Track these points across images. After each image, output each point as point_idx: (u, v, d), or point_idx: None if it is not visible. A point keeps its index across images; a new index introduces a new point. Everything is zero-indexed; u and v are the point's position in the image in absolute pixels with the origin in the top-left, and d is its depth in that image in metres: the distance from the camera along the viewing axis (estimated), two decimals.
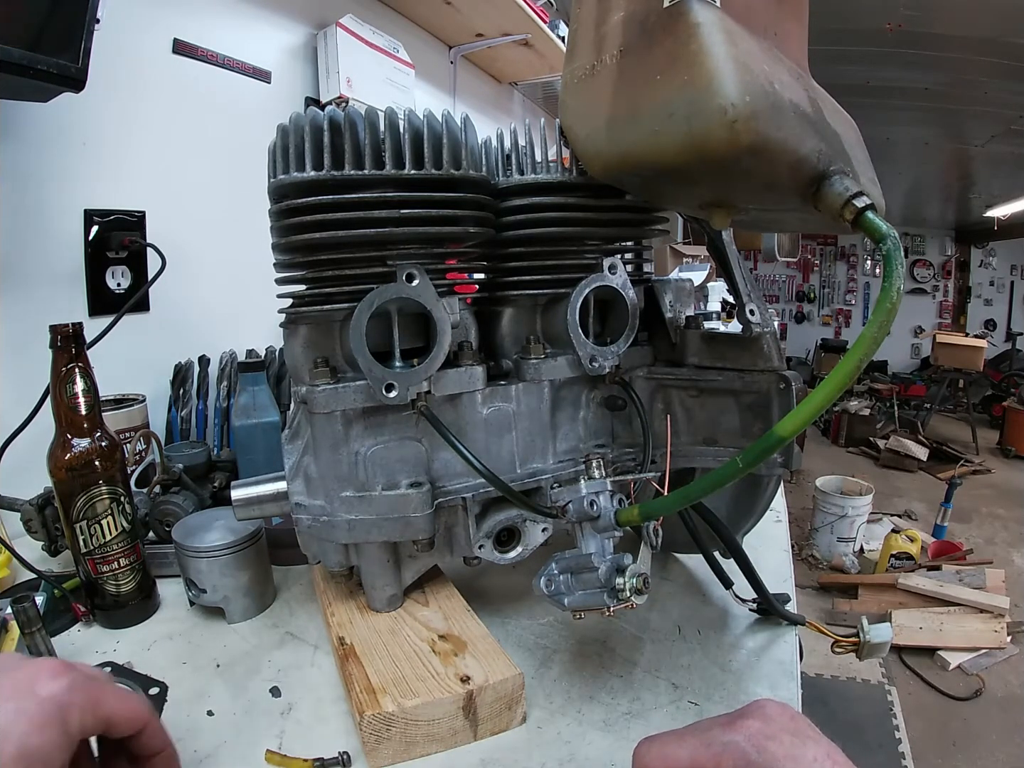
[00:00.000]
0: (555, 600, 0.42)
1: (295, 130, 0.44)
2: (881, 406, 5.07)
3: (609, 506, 0.40)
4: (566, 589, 0.42)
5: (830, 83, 0.45)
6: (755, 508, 0.58)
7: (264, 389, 0.79)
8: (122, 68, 0.87)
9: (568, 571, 0.42)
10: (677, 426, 0.57)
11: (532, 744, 0.43)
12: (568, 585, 0.42)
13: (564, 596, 0.41)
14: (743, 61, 0.32)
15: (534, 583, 0.42)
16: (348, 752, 0.41)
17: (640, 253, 0.60)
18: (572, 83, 0.44)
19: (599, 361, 0.51)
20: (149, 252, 0.90)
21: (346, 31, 1.23)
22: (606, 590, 0.39)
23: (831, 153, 0.36)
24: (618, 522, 0.40)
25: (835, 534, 2.86)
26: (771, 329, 0.53)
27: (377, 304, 0.44)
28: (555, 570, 0.42)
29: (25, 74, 0.61)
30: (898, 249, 0.31)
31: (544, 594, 0.42)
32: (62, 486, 0.53)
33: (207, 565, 0.56)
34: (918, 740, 1.84)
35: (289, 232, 0.46)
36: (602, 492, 0.41)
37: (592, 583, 0.40)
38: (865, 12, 2.33)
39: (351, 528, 0.48)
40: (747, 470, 0.34)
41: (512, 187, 0.51)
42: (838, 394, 0.31)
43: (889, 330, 0.30)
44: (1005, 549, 3.01)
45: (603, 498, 0.41)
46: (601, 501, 0.41)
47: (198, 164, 1.01)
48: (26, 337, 0.72)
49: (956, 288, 6.71)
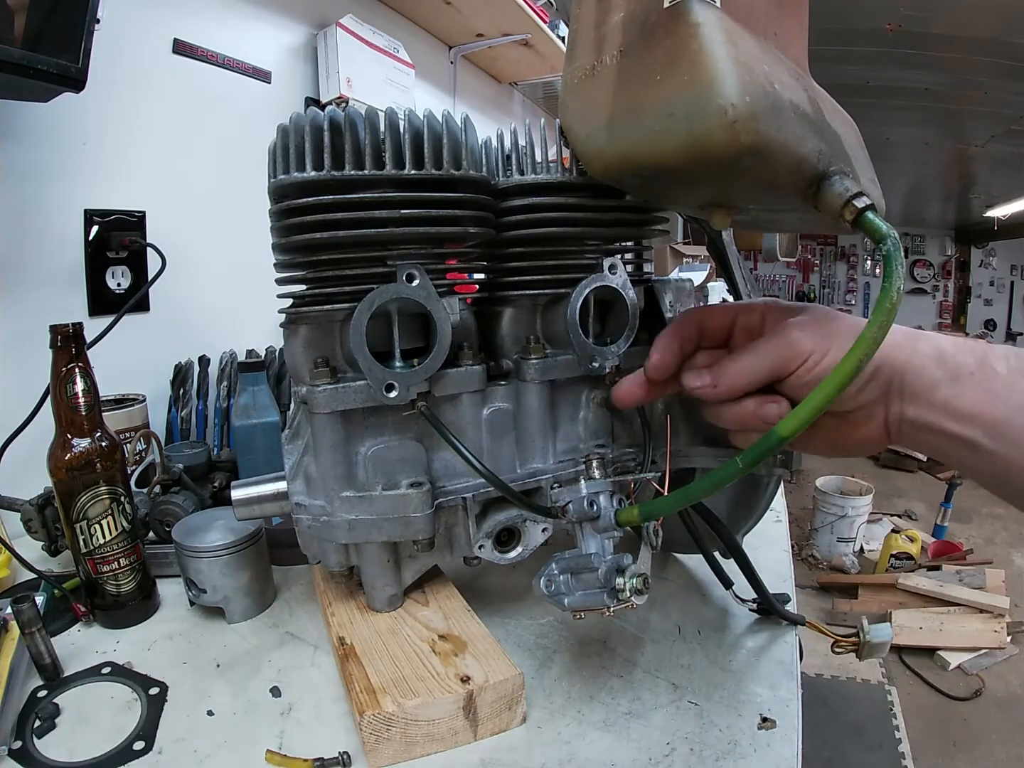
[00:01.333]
0: (555, 600, 0.42)
1: (295, 130, 0.44)
2: None
3: (609, 506, 0.40)
4: (566, 589, 0.42)
5: (830, 83, 0.45)
6: (755, 508, 0.58)
7: (264, 389, 0.79)
8: (122, 68, 0.87)
9: (568, 571, 0.42)
10: (677, 426, 0.57)
11: (532, 744, 0.43)
12: (568, 585, 0.42)
13: (564, 596, 0.41)
14: (743, 61, 0.32)
15: (534, 583, 0.42)
16: (348, 752, 0.41)
17: (640, 253, 0.60)
18: (572, 83, 0.44)
19: (599, 361, 0.51)
20: (149, 252, 0.90)
21: (346, 31, 1.23)
22: (606, 590, 0.39)
23: (831, 153, 0.36)
24: (618, 522, 0.40)
25: (835, 534, 2.86)
26: None
27: (377, 304, 0.44)
28: (555, 570, 0.42)
29: (25, 74, 0.61)
30: (898, 249, 0.31)
31: (544, 594, 0.42)
32: (62, 486, 0.53)
33: (207, 565, 0.56)
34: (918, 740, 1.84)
35: (289, 232, 0.46)
36: (602, 492, 0.41)
37: (592, 583, 0.40)
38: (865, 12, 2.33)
39: (351, 528, 0.48)
40: (747, 471, 0.34)
41: (512, 187, 0.51)
42: (838, 394, 0.31)
43: (889, 330, 0.30)
44: (1005, 549, 3.01)
45: (603, 498, 0.41)
46: (601, 501, 0.41)
47: (198, 164, 1.01)
48: (26, 337, 0.72)
49: (956, 288, 6.71)
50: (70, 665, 0.51)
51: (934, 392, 0.35)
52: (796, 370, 0.36)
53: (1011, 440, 0.33)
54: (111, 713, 0.46)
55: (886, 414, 0.37)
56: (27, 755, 0.42)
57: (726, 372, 0.38)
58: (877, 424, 0.37)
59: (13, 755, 0.42)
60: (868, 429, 0.38)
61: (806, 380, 0.36)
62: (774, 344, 0.37)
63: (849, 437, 0.38)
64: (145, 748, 0.42)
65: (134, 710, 0.46)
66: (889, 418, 0.37)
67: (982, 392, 0.34)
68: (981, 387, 0.34)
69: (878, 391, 0.36)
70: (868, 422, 0.37)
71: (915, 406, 0.36)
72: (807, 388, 0.35)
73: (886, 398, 0.36)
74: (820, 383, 0.32)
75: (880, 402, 0.37)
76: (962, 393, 0.35)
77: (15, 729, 0.44)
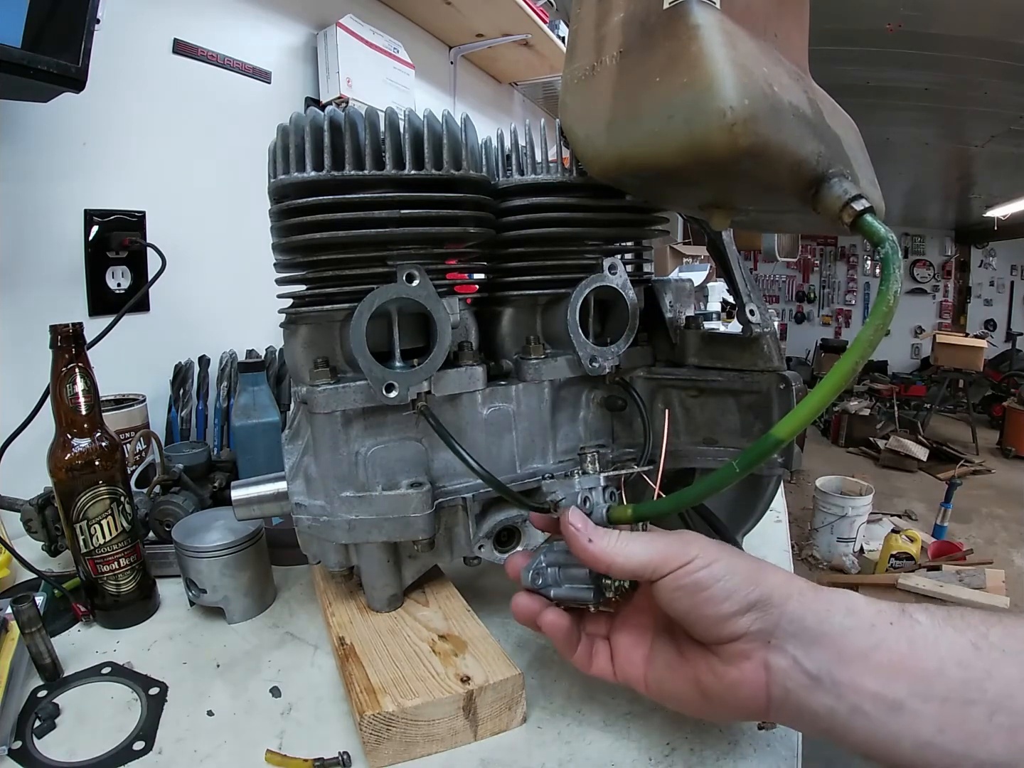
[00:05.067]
0: (542, 592, 0.42)
1: (295, 130, 0.44)
2: (881, 406, 5.07)
3: (602, 502, 0.40)
4: (553, 581, 0.42)
5: (830, 83, 0.45)
6: (755, 508, 0.58)
7: (264, 389, 0.79)
8: (122, 68, 0.87)
9: (556, 565, 0.42)
10: (677, 426, 0.57)
11: (532, 744, 0.43)
12: (555, 578, 0.42)
13: (551, 588, 0.42)
14: (742, 63, 0.32)
15: (522, 574, 0.42)
16: (348, 752, 0.41)
17: (640, 253, 0.60)
18: (572, 84, 0.44)
19: (599, 361, 0.51)
20: (149, 252, 0.90)
21: (346, 31, 1.23)
22: (593, 588, 0.40)
23: (830, 155, 0.36)
24: (610, 519, 0.40)
25: (835, 534, 2.86)
26: (771, 329, 0.53)
27: (377, 304, 0.44)
28: (543, 563, 0.42)
29: (25, 74, 0.61)
30: (896, 253, 0.31)
31: (530, 586, 0.42)
32: (62, 486, 0.53)
33: (207, 565, 0.56)
34: None
35: (289, 232, 0.46)
36: (595, 488, 0.41)
37: (579, 579, 0.41)
38: (865, 12, 2.33)
39: (351, 528, 0.48)
40: (744, 474, 0.34)
41: (512, 187, 0.51)
42: (834, 396, 0.31)
43: (885, 333, 0.30)
44: (1005, 549, 3.01)
45: (596, 494, 0.41)
46: (594, 497, 0.41)
47: (198, 164, 1.01)
48: (26, 337, 0.72)
49: (956, 288, 6.71)
50: (70, 665, 0.51)
51: (844, 641, 0.31)
52: (675, 570, 0.34)
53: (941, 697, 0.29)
54: (111, 713, 0.46)
55: (767, 659, 0.32)
56: (27, 755, 0.42)
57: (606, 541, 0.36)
58: (754, 667, 0.33)
59: (13, 755, 0.42)
60: (743, 671, 0.33)
61: (682, 583, 0.33)
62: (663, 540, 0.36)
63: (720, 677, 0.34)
64: (145, 748, 0.42)
65: (134, 710, 0.46)
66: (772, 666, 0.32)
67: (906, 642, 0.30)
68: (904, 636, 0.30)
69: (760, 624, 0.32)
70: (742, 662, 0.33)
71: (816, 656, 0.31)
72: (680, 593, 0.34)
73: (770, 639, 0.32)
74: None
75: (760, 640, 0.33)
76: (882, 643, 0.31)
77: (15, 729, 0.44)
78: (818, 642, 0.32)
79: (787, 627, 0.32)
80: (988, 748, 0.28)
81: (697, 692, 0.36)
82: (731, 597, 0.33)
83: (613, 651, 0.41)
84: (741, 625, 0.33)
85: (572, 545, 0.37)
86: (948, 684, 0.29)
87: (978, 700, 0.28)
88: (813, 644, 0.32)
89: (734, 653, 0.33)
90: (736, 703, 0.34)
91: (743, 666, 0.33)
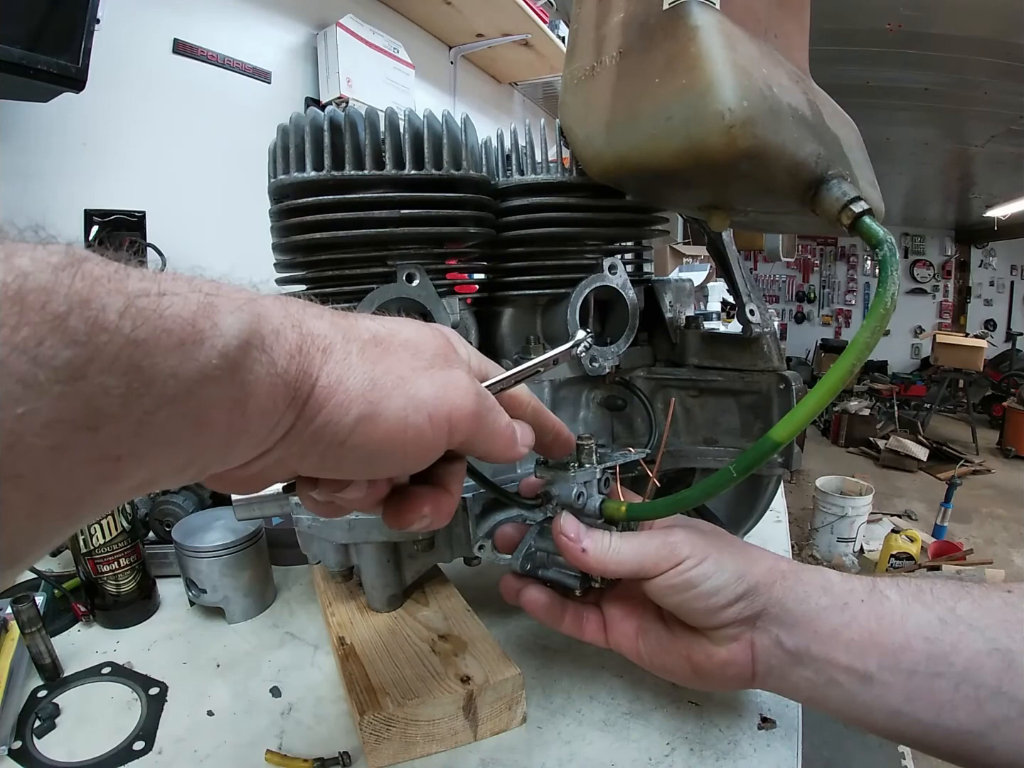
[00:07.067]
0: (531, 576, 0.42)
1: (295, 130, 0.44)
2: (881, 406, 5.07)
3: (596, 495, 0.40)
4: (541, 565, 0.42)
5: (830, 83, 0.45)
6: (755, 508, 0.58)
7: None
8: (122, 68, 0.87)
9: (544, 551, 0.42)
10: (677, 426, 0.57)
11: (532, 744, 0.43)
12: (543, 562, 0.42)
13: (539, 570, 0.42)
14: (741, 65, 0.32)
15: (511, 560, 0.43)
16: (348, 752, 0.41)
17: (640, 253, 0.60)
18: (572, 84, 0.44)
19: (599, 361, 0.51)
20: (149, 252, 0.90)
21: (346, 31, 1.23)
22: (579, 576, 0.40)
23: (829, 157, 0.36)
24: (602, 513, 0.40)
25: (835, 534, 2.86)
26: (771, 329, 0.53)
27: (377, 304, 0.44)
28: (532, 548, 0.43)
29: (25, 74, 0.61)
30: (894, 255, 0.31)
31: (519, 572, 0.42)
32: None
33: (207, 565, 0.56)
34: None
35: (289, 232, 0.46)
36: (591, 481, 0.41)
37: (567, 565, 0.41)
38: (865, 12, 2.33)
39: (351, 528, 0.48)
40: (741, 478, 0.34)
41: (512, 187, 0.51)
42: (831, 398, 0.31)
43: (882, 335, 0.30)
44: (1005, 549, 3.01)
45: (591, 487, 0.41)
46: (588, 490, 0.41)
47: (198, 164, 1.01)
48: None
49: (956, 288, 6.71)
50: (70, 665, 0.51)
51: (820, 620, 0.34)
52: (667, 571, 0.35)
53: (908, 670, 0.31)
54: (111, 713, 0.46)
55: (753, 639, 0.35)
56: (27, 755, 0.42)
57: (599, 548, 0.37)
58: (741, 647, 0.35)
59: (13, 755, 0.42)
60: (731, 651, 0.35)
61: (673, 583, 0.35)
62: (654, 542, 0.36)
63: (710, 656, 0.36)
64: (145, 748, 0.42)
65: (134, 710, 0.46)
66: (757, 645, 0.35)
67: (875, 619, 0.33)
68: (874, 613, 0.33)
69: (748, 612, 0.35)
70: (730, 643, 0.36)
71: (796, 635, 0.34)
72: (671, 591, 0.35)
73: (755, 622, 0.35)
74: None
75: (747, 625, 0.35)
76: (853, 620, 0.33)
77: (15, 729, 0.44)
78: (797, 623, 0.34)
79: (771, 610, 0.35)
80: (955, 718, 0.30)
81: (688, 667, 0.38)
82: (720, 592, 0.35)
83: (606, 620, 0.42)
84: (730, 614, 0.35)
85: (565, 554, 0.38)
86: (915, 657, 0.31)
87: (944, 672, 0.30)
88: (794, 625, 0.34)
89: (723, 636, 0.36)
90: (725, 678, 0.37)
91: (731, 647, 0.36)
